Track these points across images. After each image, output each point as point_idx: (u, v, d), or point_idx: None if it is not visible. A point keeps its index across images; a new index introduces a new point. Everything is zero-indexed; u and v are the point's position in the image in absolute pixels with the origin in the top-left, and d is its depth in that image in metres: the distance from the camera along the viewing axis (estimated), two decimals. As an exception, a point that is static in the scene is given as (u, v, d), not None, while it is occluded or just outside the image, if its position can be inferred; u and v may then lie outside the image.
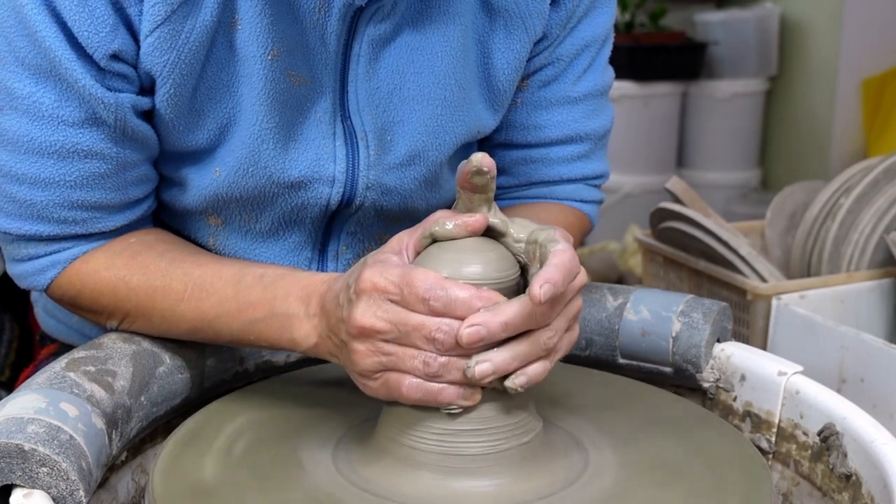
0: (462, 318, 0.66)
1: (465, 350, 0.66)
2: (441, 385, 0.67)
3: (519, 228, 0.72)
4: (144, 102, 0.81)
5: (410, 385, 0.67)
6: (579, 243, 1.03)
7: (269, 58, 0.82)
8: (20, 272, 0.85)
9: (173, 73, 0.80)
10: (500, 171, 1.01)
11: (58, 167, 0.79)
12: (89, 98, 0.78)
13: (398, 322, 0.67)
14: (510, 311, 0.66)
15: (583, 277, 0.70)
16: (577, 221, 1.01)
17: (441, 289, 0.67)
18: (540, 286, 0.64)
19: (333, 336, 0.72)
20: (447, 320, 0.66)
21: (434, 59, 0.88)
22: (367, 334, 0.68)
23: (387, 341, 0.68)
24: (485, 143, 1.01)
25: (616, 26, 1.01)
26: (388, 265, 0.69)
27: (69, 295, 0.84)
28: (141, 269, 0.82)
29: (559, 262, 0.66)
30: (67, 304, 0.86)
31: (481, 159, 0.68)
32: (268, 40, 0.81)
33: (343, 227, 0.93)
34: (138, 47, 0.78)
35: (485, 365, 0.66)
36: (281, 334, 0.76)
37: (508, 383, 0.68)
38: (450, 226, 0.70)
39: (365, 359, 0.69)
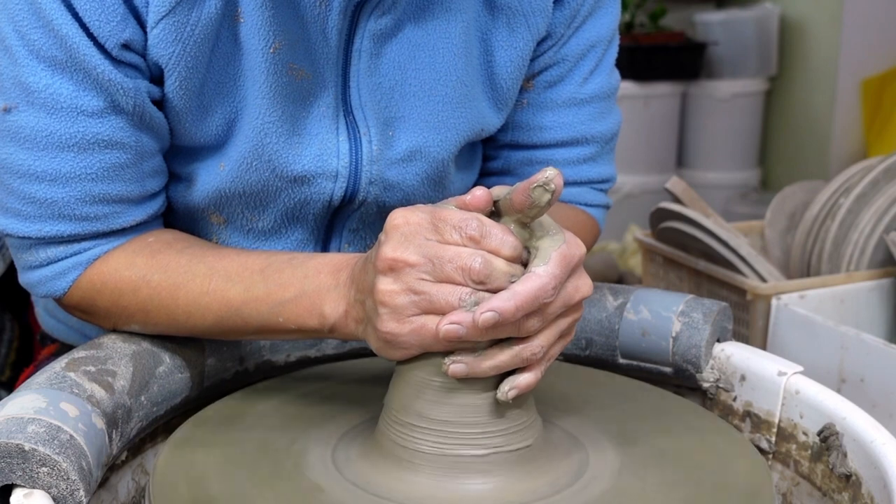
0: (496, 252, 0.64)
1: (501, 285, 0.64)
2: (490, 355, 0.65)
3: (536, 227, 0.68)
4: (156, 91, 0.82)
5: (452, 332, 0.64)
6: (589, 247, 1.03)
7: (271, 51, 0.82)
8: (37, 279, 0.83)
9: (179, 65, 0.80)
10: (506, 172, 1.01)
11: (78, 160, 0.79)
12: (108, 85, 0.78)
13: (432, 255, 0.65)
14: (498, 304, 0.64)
15: (586, 291, 0.68)
16: (586, 221, 1.00)
17: (474, 219, 0.65)
18: (482, 312, 0.63)
19: (360, 295, 0.70)
20: (482, 251, 0.64)
21: (436, 55, 0.88)
22: (397, 268, 0.65)
23: (420, 279, 0.65)
24: (490, 144, 1.01)
25: (618, 32, 1.01)
26: (418, 207, 0.67)
27: (88, 297, 0.83)
28: (162, 267, 0.81)
29: (521, 290, 0.64)
30: (85, 309, 0.84)
31: (555, 176, 0.64)
32: (269, 33, 0.82)
33: (345, 224, 0.93)
34: (146, 38, 0.79)
35: (459, 367, 0.66)
36: (311, 311, 0.75)
37: (500, 396, 0.68)
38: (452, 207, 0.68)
39: (395, 298, 0.65)
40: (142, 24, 0.78)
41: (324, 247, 0.94)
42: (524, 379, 0.68)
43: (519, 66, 0.93)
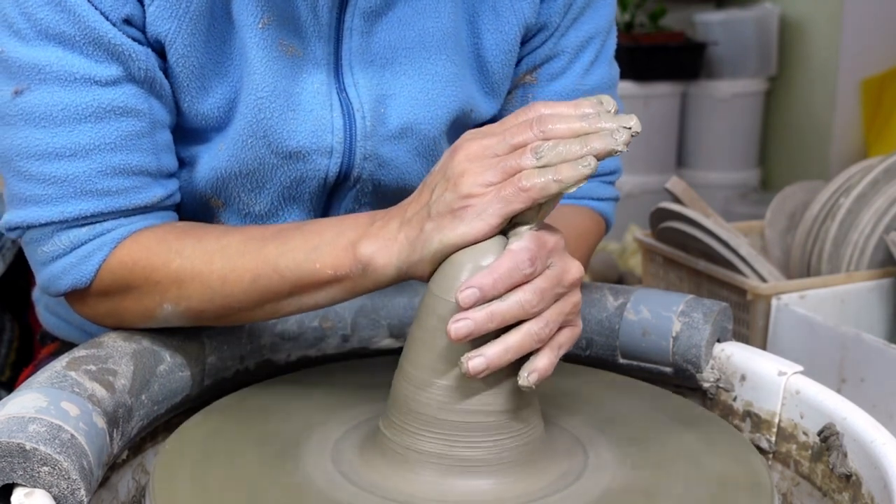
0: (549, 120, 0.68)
1: (562, 129, 0.68)
2: (554, 166, 0.67)
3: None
4: (160, 63, 0.83)
5: (529, 175, 0.67)
6: (595, 247, 1.03)
7: (260, 26, 0.83)
8: (61, 268, 0.81)
9: (176, 41, 0.82)
10: None
11: (95, 130, 0.79)
12: (119, 51, 0.79)
13: (502, 129, 0.70)
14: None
15: (576, 272, 0.70)
16: (592, 225, 1.00)
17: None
18: (462, 290, 0.66)
19: (413, 206, 0.72)
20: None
21: (425, 33, 0.89)
22: (477, 154, 0.69)
23: (495, 154, 0.69)
24: None
25: (616, 26, 1.02)
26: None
27: (121, 278, 0.81)
28: (194, 240, 0.80)
29: (496, 265, 0.67)
30: (116, 292, 0.82)
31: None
32: (257, 9, 0.83)
33: (342, 203, 0.93)
34: (145, 14, 0.80)
35: (478, 360, 0.66)
36: (346, 249, 0.74)
37: (521, 381, 0.68)
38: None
39: (476, 164, 0.69)
40: (140, 0, 0.80)
41: None
42: (540, 361, 0.68)
43: (507, 52, 0.94)
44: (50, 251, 0.82)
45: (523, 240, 0.68)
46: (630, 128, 0.67)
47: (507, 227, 0.69)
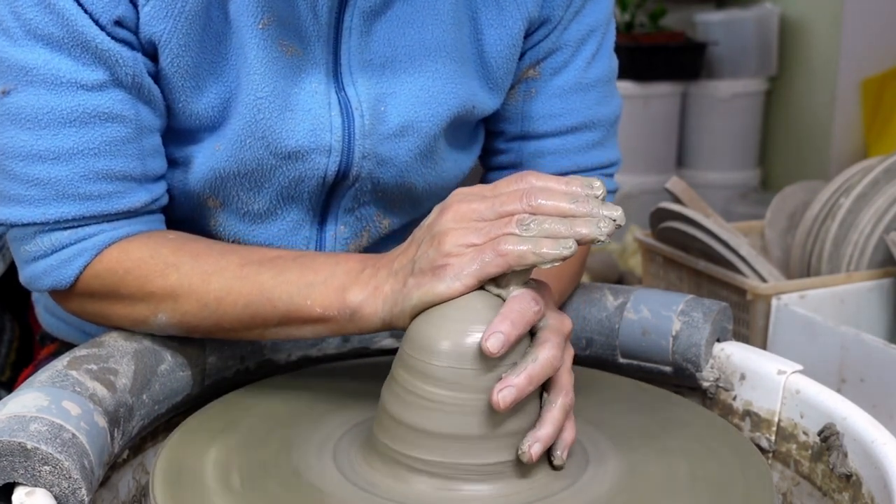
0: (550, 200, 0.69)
1: (550, 206, 0.69)
2: (539, 238, 0.68)
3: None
4: (150, 66, 0.83)
5: (508, 240, 0.68)
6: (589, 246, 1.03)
7: (260, 26, 0.83)
8: (42, 269, 0.82)
9: (171, 41, 0.81)
10: (517, 165, 1.02)
11: (80, 135, 0.79)
12: (107, 57, 0.79)
13: (492, 194, 0.71)
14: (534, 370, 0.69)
15: (569, 324, 0.72)
16: None
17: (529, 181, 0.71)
18: (487, 339, 0.66)
19: (401, 258, 0.73)
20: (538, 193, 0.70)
21: (425, 31, 0.89)
22: (464, 216, 0.70)
23: (482, 217, 0.70)
24: (501, 138, 1.02)
25: (616, 26, 1.02)
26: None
27: (110, 284, 0.81)
28: (191, 257, 0.81)
29: (506, 310, 0.68)
30: (104, 296, 0.82)
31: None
32: (257, 9, 0.83)
33: (340, 203, 0.93)
34: (138, 15, 0.80)
35: (537, 446, 0.69)
36: (337, 293, 0.76)
37: (556, 462, 0.71)
38: None
39: (461, 225, 0.70)
40: (133, 1, 0.80)
41: (319, 227, 0.94)
42: (569, 435, 0.72)
43: (509, 47, 0.94)
44: (32, 251, 0.82)
45: (520, 287, 0.70)
46: (615, 220, 0.68)
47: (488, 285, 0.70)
